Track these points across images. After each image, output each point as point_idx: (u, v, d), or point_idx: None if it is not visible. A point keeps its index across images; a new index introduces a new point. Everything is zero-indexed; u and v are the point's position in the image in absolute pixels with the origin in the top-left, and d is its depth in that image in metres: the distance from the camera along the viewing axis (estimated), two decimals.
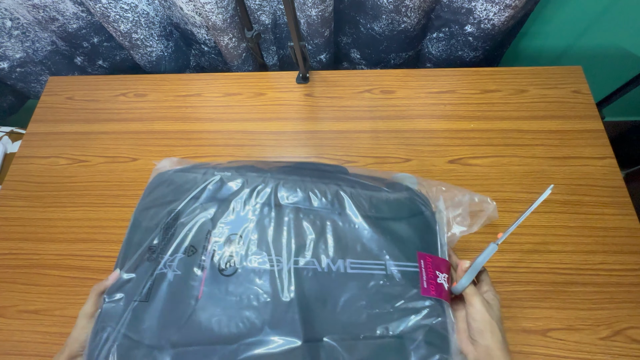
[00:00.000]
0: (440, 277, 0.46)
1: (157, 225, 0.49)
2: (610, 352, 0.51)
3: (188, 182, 0.52)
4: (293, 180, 0.51)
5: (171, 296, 0.44)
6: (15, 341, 0.57)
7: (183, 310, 0.43)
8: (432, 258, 0.47)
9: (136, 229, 0.50)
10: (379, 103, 0.73)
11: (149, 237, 0.48)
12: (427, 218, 0.50)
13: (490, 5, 0.68)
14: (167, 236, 0.48)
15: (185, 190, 0.52)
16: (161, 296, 0.44)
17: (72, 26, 0.80)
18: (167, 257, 0.46)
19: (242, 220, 0.49)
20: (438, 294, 0.44)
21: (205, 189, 0.51)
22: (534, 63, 0.90)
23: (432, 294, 0.44)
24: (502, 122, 0.69)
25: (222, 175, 0.52)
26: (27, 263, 0.62)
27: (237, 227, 0.48)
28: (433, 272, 0.46)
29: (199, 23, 0.79)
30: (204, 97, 0.77)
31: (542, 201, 0.40)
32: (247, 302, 0.43)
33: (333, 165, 0.56)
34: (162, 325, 0.42)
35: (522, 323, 0.54)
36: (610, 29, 0.77)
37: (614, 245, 0.58)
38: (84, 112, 0.77)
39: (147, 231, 0.49)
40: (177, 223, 0.49)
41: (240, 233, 0.48)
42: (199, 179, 0.52)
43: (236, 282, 0.45)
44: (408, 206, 0.51)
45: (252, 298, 0.44)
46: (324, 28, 0.77)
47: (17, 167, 0.72)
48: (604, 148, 0.65)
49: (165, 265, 0.46)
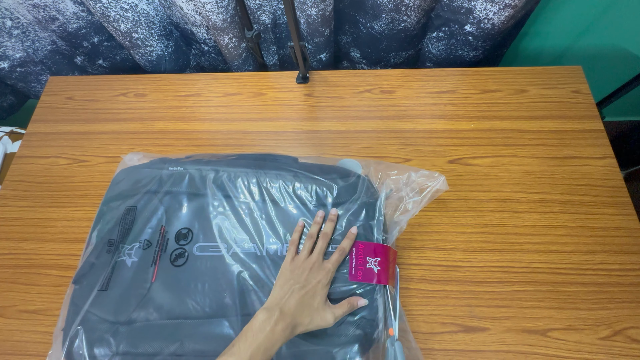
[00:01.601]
0: (370, 262, 0.50)
1: (116, 219, 0.55)
2: (610, 352, 0.51)
3: (145, 178, 0.57)
4: (243, 172, 0.56)
5: (128, 283, 0.50)
6: (15, 341, 0.57)
7: (139, 293, 0.50)
8: (364, 244, 0.51)
9: (98, 222, 0.56)
10: (379, 103, 0.73)
11: (108, 230, 0.54)
12: (366, 204, 0.54)
13: (490, 4, 0.68)
14: (124, 230, 0.54)
15: (142, 185, 0.57)
16: (119, 283, 0.51)
17: (72, 26, 0.80)
18: (125, 248, 0.52)
19: (194, 213, 0.54)
20: (365, 279, 0.49)
21: (159, 184, 0.56)
22: (534, 63, 0.90)
23: (358, 279, 0.49)
24: (502, 122, 0.69)
25: (175, 171, 0.57)
26: (27, 263, 0.62)
27: (188, 220, 0.54)
28: (363, 258, 0.50)
29: (199, 22, 0.79)
30: (204, 97, 0.77)
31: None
32: (193, 287, 0.50)
33: (285, 156, 0.60)
34: (120, 306, 0.49)
35: (522, 323, 0.54)
36: (610, 29, 0.77)
37: (614, 245, 0.58)
38: (84, 112, 0.77)
39: (107, 224, 0.55)
40: (134, 217, 0.54)
41: (190, 226, 0.53)
42: (155, 175, 0.57)
43: (186, 270, 0.51)
44: (349, 194, 0.54)
45: (198, 284, 0.50)
46: (324, 27, 0.77)
47: (17, 167, 0.72)
48: (604, 148, 0.65)
49: (124, 254, 0.52)
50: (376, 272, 0.49)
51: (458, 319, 0.54)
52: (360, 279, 0.49)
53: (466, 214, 0.61)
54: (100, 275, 0.51)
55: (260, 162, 0.58)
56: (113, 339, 0.47)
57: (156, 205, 0.55)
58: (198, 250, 0.52)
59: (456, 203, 0.62)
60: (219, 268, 0.51)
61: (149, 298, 0.49)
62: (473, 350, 0.52)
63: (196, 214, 0.54)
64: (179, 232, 0.53)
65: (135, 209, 0.55)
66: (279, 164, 0.57)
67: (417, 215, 0.61)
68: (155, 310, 0.49)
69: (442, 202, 0.62)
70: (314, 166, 0.57)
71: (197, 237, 0.53)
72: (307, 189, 0.54)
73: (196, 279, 0.50)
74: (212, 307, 0.48)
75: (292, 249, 0.50)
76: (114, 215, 0.55)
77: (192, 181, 0.56)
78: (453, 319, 0.54)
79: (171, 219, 0.54)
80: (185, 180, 0.56)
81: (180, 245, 0.52)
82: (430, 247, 0.59)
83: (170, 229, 0.54)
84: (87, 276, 0.52)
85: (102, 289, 0.50)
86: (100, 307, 0.49)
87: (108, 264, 0.52)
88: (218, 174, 0.56)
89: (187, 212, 0.54)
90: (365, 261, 0.50)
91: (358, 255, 0.50)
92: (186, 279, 0.50)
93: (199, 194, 0.55)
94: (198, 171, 0.56)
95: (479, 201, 0.62)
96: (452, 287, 0.56)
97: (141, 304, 0.49)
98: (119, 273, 0.51)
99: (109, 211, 0.56)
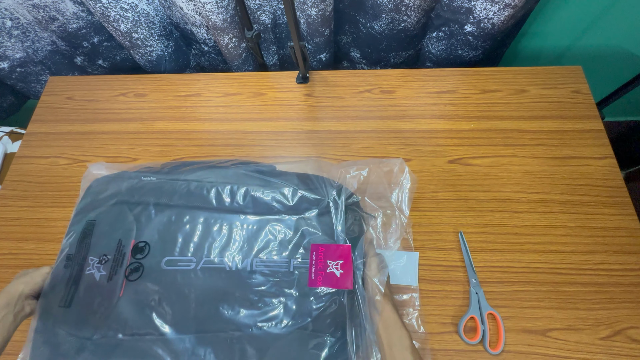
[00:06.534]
0: (331, 266, 0.48)
1: (76, 233, 0.53)
2: (610, 352, 0.51)
3: (106, 190, 0.56)
4: (208, 183, 0.54)
5: (87, 299, 0.49)
6: (15, 341, 0.56)
7: (99, 308, 0.49)
8: (325, 247, 0.49)
9: (67, 235, 0.55)
10: (379, 103, 0.73)
11: (68, 245, 0.53)
12: (327, 208, 0.53)
13: (490, 4, 0.68)
14: (82, 245, 0.52)
15: (102, 199, 0.55)
16: (79, 298, 0.49)
17: (72, 26, 0.80)
18: (84, 263, 0.51)
19: (153, 226, 0.52)
20: (326, 284, 0.47)
21: (119, 198, 0.54)
22: (534, 63, 0.90)
23: (318, 285, 0.47)
24: (502, 122, 0.69)
25: (147, 181, 0.55)
26: (27, 263, 0.62)
27: (147, 234, 0.52)
28: (324, 262, 0.49)
29: (199, 23, 0.79)
30: (204, 97, 0.77)
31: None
32: (151, 302, 0.48)
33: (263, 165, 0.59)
34: (87, 321, 0.49)
35: (522, 323, 0.54)
36: (610, 29, 0.77)
37: (614, 245, 0.58)
38: (84, 112, 0.77)
39: (69, 238, 0.54)
40: (93, 231, 0.53)
41: (149, 240, 0.51)
42: (114, 188, 0.56)
43: (155, 284, 0.49)
44: (312, 200, 0.54)
45: (155, 298, 0.48)
46: (324, 27, 0.77)
47: (17, 167, 0.72)
48: (604, 148, 0.65)
49: (93, 267, 0.51)
50: (338, 276, 0.47)
51: (458, 319, 0.54)
52: (320, 284, 0.47)
53: (466, 214, 0.61)
54: (61, 292, 0.50)
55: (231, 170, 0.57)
56: (79, 355, 0.46)
57: (124, 216, 0.53)
58: (166, 264, 0.50)
59: (456, 203, 0.62)
60: (187, 282, 0.49)
61: (116, 313, 0.48)
62: (473, 350, 0.52)
63: (166, 226, 0.52)
64: (136, 245, 0.52)
65: (93, 224, 0.53)
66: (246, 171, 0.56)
67: (417, 215, 0.62)
68: (121, 325, 0.47)
69: (442, 202, 0.63)
70: (290, 174, 0.56)
71: (161, 250, 0.51)
72: (274, 195, 0.53)
73: (163, 293, 0.49)
74: (178, 322, 0.47)
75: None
76: (77, 230, 0.54)
77: (163, 192, 0.54)
78: (453, 319, 0.54)
79: (128, 232, 0.52)
80: (157, 190, 0.54)
81: (137, 259, 0.51)
82: (430, 247, 0.59)
83: (136, 240, 0.52)
84: (50, 292, 0.50)
85: (65, 305, 0.49)
86: (66, 322, 0.48)
87: (67, 280, 0.51)
88: (190, 185, 0.54)
89: (156, 224, 0.53)
90: (326, 265, 0.48)
91: (318, 259, 0.49)
92: (153, 294, 0.49)
93: (170, 205, 0.53)
94: (171, 182, 0.55)
95: (479, 201, 0.62)
96: (452, 287, 0.56)
97: (108, 318, 0.48)
98: (85, 287, 0.50)
99: (74, 226, 0.55)
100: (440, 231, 0.60)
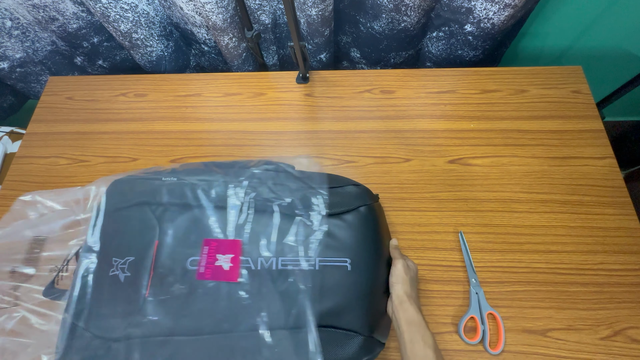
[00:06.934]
0: (220, 260, 0.49)
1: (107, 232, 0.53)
2: (610, 352, 0.51)
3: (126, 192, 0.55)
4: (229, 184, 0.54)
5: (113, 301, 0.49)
6: None
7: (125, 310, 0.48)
8: (217, 242, 0.50)
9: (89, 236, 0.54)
10: (379, 103, 0.73)
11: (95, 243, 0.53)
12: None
13: (490, 4, 0.68)
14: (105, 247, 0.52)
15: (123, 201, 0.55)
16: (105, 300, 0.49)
17: (72, 26, 0.80)
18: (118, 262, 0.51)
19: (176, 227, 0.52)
20: (214, 277, 0.48)
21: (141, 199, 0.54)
22: (534, 63, 0.90)
23: (206, 278, 0.48)
24: (502, 122, 0.69)
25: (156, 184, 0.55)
26: None
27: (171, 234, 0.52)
28: (213, 256, 0.49)
29: (199, 23, 0.79)
30: (204, 97, 0.77)
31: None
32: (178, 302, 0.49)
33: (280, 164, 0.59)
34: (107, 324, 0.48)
35: (522, 323, 0.54)
36: (610, 29, 0.77)
37: (614, 245, 0.58)
38: (84, 112, 0.77)
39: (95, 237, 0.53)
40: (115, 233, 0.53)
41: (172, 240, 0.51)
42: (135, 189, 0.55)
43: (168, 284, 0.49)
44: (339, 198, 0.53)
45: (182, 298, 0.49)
46: (324, 27, 0.77)
47: (17, 167, 0.72)
48: (604, 148, 0.65)
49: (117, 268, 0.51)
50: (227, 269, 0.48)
51: (458, 319, 0.54)
52: (209, 277, 0.48)
53: (466, 214, 0.61)
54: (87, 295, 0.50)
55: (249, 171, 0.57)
56: (106, 357, 0.46)
57: (147, 217, 0.52)
58: (191, 264, 0.50)
59: (456, 203, 0.62)
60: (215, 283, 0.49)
61: (142, 314, 0.47)
62: (473, 350, 0.52)
63: (192, 228, 0.52)
64: (159, 245, 0.51)
65: (117, 224, 0.53)
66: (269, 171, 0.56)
67: (417, 215, 0.62)
68: (148, 327, 0.47)
69: (442, 202, 0.63)
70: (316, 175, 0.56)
71: (185, 250, 0.50)
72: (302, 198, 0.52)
73: (189, 292, 0.48)
74: (208, 324, 0.47)
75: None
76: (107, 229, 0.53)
77: (184, 192, 0.53)
78: (453, 319, 0.54)
79: (163, 231, 0.52)
80: (178, 191, 0.53)
81: (161, 259, 0.50)
82: (430, 247, 0.59)
83: (159, 241, 0.51)
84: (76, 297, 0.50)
85: (90, 309, 0.49)
86: (92, 325, 0.48)
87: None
88: (211, 185, 0.54)
89: (179, 224, 0.52)
90: (215, 259, 0.49)
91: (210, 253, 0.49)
92: (179, 293, 0.48)
93: (192, 205, 0.53)
94: (192, 183, 0.54)
95: (479, 201, 0.62)
96: (452, 287, 0.56)
97: (134, 320, 0.47)
98: (109, 289, 0.49)
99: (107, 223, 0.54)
100: (440, 231, 0.60)
